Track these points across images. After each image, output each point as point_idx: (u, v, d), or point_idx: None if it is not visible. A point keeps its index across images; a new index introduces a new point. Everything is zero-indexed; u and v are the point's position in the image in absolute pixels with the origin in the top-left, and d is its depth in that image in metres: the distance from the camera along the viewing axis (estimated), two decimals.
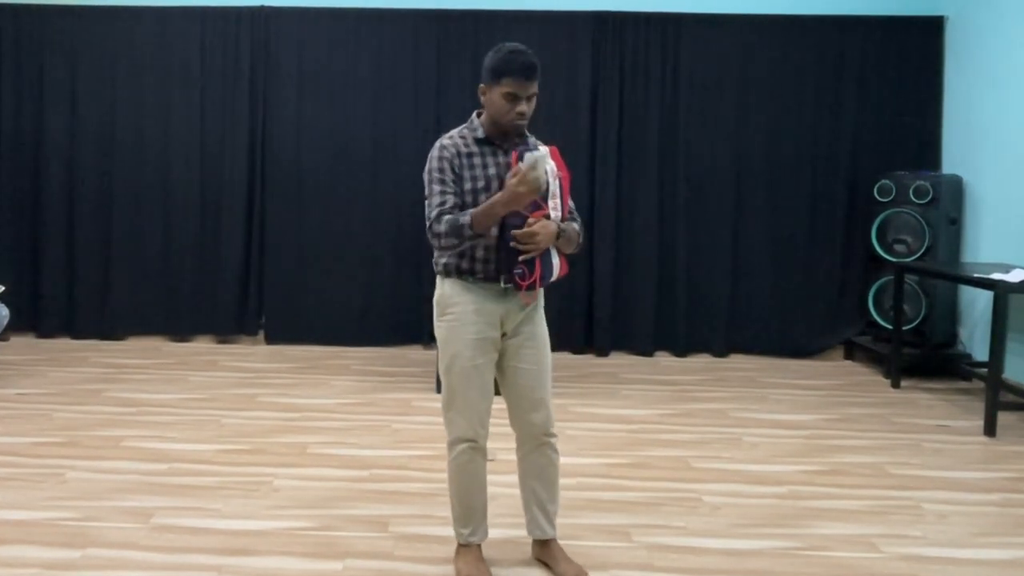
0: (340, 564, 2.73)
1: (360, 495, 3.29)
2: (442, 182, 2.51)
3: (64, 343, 5.87)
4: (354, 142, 5.88)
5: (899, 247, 5.46)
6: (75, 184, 5.90)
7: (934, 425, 4.37)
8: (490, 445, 2.68)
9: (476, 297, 2.53)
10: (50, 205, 5.91)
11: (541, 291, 2.63)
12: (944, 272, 4.81)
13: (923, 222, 5.36)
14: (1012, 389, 4.70)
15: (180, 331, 5.98)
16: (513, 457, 2.73)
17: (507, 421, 2.67)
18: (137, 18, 5.86)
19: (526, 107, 2.48)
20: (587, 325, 5.88)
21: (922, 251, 5.36)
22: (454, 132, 2.60)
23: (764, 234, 5.86)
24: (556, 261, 2.54)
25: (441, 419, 2.63)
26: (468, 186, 2.51)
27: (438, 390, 4.69)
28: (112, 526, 2.96)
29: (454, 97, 5.83)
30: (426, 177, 2.56)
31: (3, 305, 4.89)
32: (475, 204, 2.48)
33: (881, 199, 5.56)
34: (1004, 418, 4.32)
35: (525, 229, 2.41)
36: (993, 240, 5.22)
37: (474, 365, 2.53)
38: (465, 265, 2.54)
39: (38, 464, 3.55)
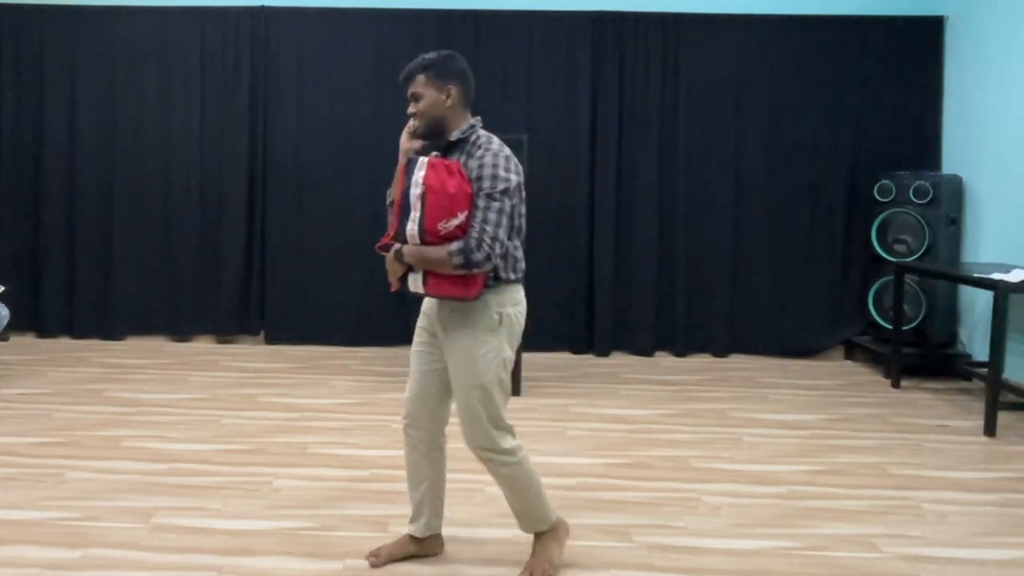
0: (340, 564, 2.72)
1: (360, 495, 3.28)
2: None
3: (64, 343, 5.87)
4: (354, 142, 5.88)
5: (899, 247, 5.46)
6: (75, 184, 5.90)
7: (934, 425, 4.37)
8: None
9: None
10: (50, 205, 5.91)
11: (461, 308, 2.53)
12: (944, 272, 4.81)
13: (923, 222, 5.36)
14: (1012, 389, 4.70)
15: (180, 331, 5.98)
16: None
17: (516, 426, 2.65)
18: (137, 18, 5.86)
19: (412, 107, 2.60)
20: (587, 325, 5.89)
21: (922, 251, 5.36)
22: None
23: (764, 234, 5.86)
24: (414, 277, 2.61)
25: None
26: None
27: None
28: (112, 526, 2.96)
29: None
30: None
31: (3, 305, 4.89)
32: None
33: (881, 199, 5.56)
34: (1004, 418, 4.32)
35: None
36: (993, 240, 5.22)
37: (414, 350, 2.70)
38: None
39: (38, 464, 3.55)
